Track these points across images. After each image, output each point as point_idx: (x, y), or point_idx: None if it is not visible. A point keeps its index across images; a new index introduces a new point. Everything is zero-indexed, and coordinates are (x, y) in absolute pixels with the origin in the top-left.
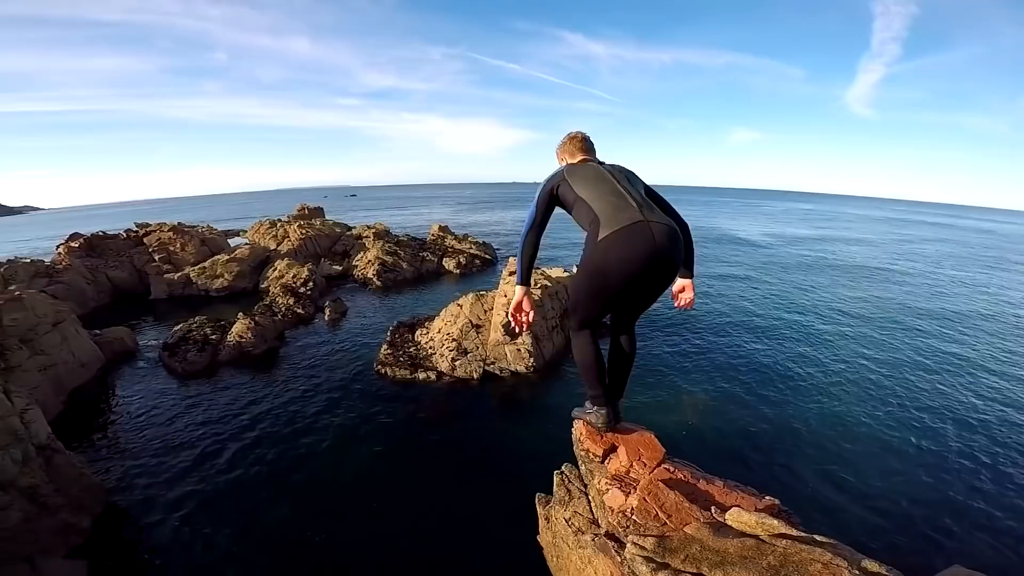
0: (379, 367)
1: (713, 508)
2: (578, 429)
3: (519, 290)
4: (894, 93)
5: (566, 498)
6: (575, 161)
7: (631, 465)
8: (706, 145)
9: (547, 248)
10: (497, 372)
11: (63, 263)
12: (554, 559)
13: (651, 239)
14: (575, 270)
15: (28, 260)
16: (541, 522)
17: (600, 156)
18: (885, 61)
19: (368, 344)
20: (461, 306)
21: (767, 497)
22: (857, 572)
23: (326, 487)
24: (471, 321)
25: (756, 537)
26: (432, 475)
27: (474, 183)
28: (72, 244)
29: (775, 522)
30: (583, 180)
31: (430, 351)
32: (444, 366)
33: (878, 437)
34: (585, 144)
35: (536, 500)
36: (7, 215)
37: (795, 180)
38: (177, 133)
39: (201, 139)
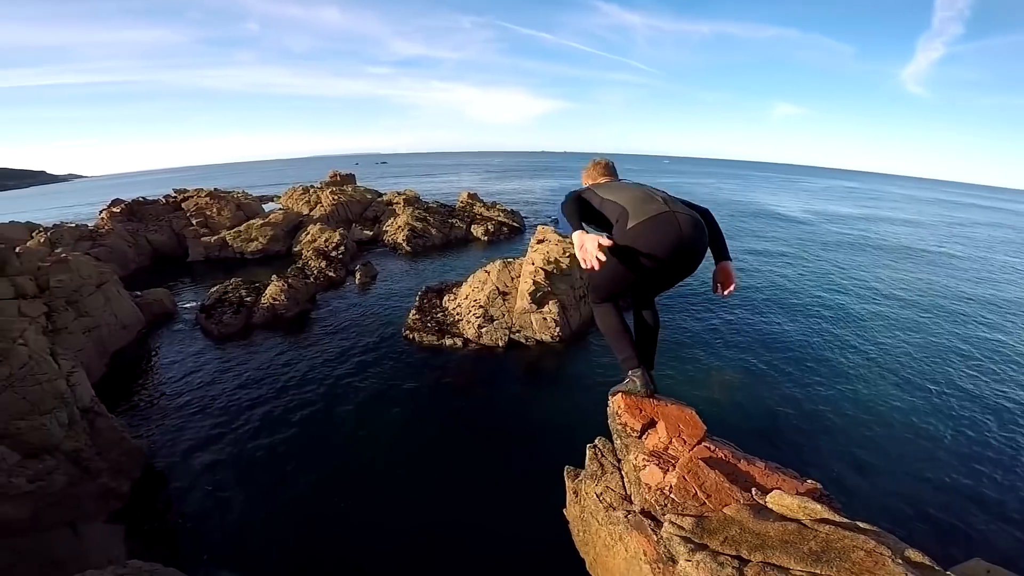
0: (407, 332)
1: (754, 490)
2: (616, 402)
3: (577, 234)
4: (952, 73)
5: (598, 472)
6: (600, 181)
7: (670, 441)
8: (746, 119)
9: None
10: (523, 340)
11: (106, 227)
12: (580, 534)
13: (678, 228)
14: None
15: (73, 225)
16: (569, 495)
17: (634, 126)
18: (945, 41)
19: (397, 308)
20: (488, 273)
21: (809, 480)
22: (900, 562)
23: (353, 453)
24: (498, 288)
25: (797, 521)
26: (456, 443)
27: (503, 151)
28: (114, 209)
29: (818, 507)
30: (608, 187)
31: (457, 317)
32: (470, 333)
33: (911, 424)
34: (608, 169)
35: (565, 473)
36: (52, 183)
37: (839, 158)
38: (211, 102)
39: (235, 108)
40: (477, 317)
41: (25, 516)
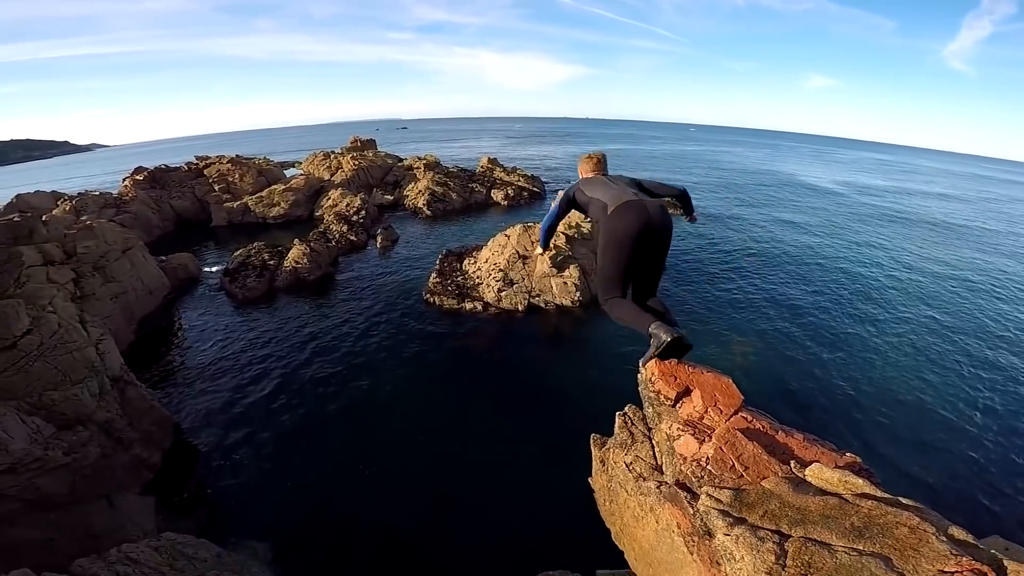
0: (428, 296)
1: (792, 462)
2: (649, 369)
3: (538, 251)
4: (1000, 51)
5: (628, 441)
6: (589, 175)
7: (706, 411)
8: (777, 90)
9: None
10: (542, 305)
11: (129, 194)
12: (606, 503)
13: (645, 211)
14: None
15: (97, 193)
16: (596, 464)
17: (658, 94)
18: (994, 19)
19: (418, 271)
20: (508, 237)
21: (848, 453)
22: (944, 539)
23: (374, 418)
24: (518, 252)
25: (838, 496)
26: (476, 408)
27: (524, 117)
28: (137, 177)
29: (859, 480)
30: (592, 186)
31: (477, 281)
32: (490, 296)
33: (938, 399)
34: (599, 164)
35: (591, 441)
36: (76, 152)
37: (873, 130)
38: (231, 70)
39: (255, 75)
40: (497, 281)
41: (64, 490)
